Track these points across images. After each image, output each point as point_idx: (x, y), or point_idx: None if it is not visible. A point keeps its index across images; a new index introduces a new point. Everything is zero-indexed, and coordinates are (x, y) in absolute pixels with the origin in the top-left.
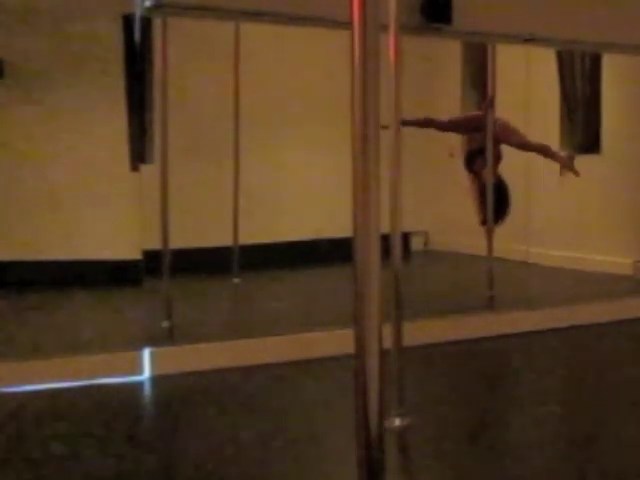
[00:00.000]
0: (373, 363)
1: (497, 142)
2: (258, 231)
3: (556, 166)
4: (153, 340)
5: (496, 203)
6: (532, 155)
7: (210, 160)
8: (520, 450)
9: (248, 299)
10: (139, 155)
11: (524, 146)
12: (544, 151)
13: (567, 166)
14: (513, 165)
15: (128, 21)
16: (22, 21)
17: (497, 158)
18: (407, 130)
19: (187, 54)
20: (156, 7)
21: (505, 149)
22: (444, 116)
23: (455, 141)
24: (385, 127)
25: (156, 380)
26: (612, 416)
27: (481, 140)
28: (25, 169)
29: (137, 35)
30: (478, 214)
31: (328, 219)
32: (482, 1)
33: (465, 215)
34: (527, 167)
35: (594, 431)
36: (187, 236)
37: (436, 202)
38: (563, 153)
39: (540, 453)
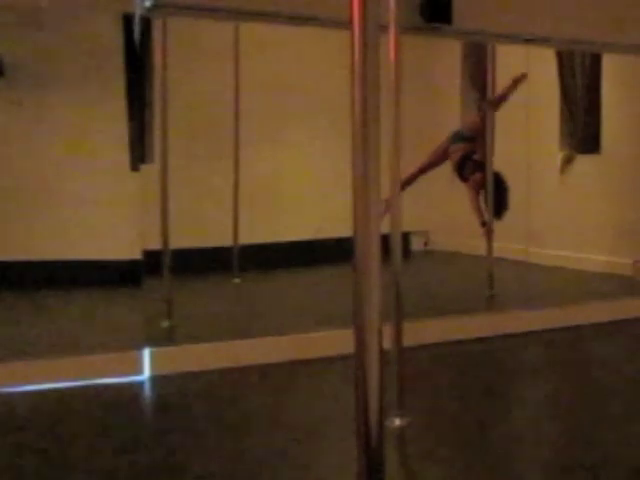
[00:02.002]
0: (373, 363)
1: (481, 134)
2: (258, 231)
3: (556, 166)
4: (153, 340)
5: (495, 198)
6: (532, 155)
7: (210, 160)
8: (520, 450)
9: (248, 299)
10: (139, 155)
11: (498, 102)
12: (508, 91)
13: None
14: (513, 165)
15: (128, 21)
16: (22, 21)
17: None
18: (407, 130)
19: (187, 54)
20: (156, 7)
21: (503, 152)
22: (443, 116)
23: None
24: None
25: (156, 380)
26: (612, 416)
27: (465, 147)
28: (25, 169)
29: (137, 35)
30: (478, 218)
31: (328, 219)
32: (482, 1)
33: (465, 215)
34: (527, 167)
35: (593, 430)
36: (187, 236)
37: (436, 202)
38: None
39: (540, 453)
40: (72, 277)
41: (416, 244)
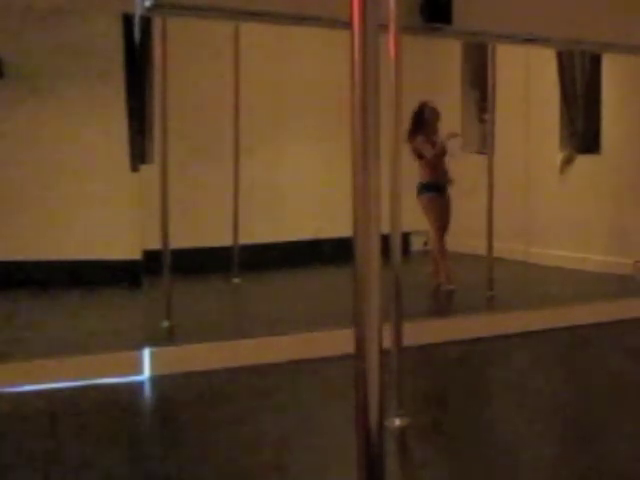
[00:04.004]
0: (373, 363)
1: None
2: (258, 231)
3: (556, 166)
4: (153, 340)
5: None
6: (532, 155)
7: (210, 160)
8: (519, 449)
9: (248, 299)
10: (139, 155)
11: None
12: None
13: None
14: (513, 166)
15: (128, 21)
16: (22, 21)
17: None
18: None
19: (187, 54)
20: (156, 7)
21: (503, 153)
22: (443, 116)
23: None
24: None
25: (156, 380)
26: (611, 416)
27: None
28: (24, 169)
29: (137, 35)
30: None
31: (328, 219)
32: (482, 1)
33: (465, 215)
34: (527, 167)
35: (590, 430)
36: (187, 236)
37: None
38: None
39: (539, 453)
40: (72, 277)
41: (416, 244)
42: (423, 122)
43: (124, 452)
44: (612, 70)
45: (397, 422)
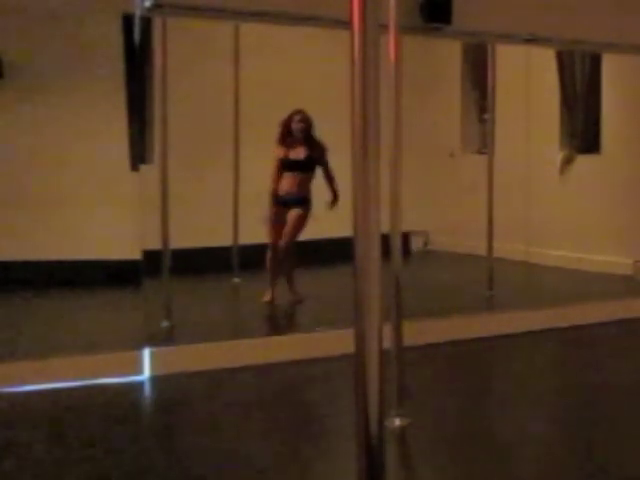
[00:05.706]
0: (373, 363)
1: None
2: (258, 231)
3: (556, 166)
4: (153, 340)
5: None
6: (532, 155)
7: (210, 160)
8: (518, 450)
9: (248, 299)
10: (139, 155)
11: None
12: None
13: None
14: (513, 166)
15: (128, 21)
16: (22, 21)
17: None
18: (407, 130)
19: (187, 54)
20: (156, 7)
21: (504, 153)
22: (444, 116)
23: (455, 141)
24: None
25: (156, 380)
26: (610, 416)
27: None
28: (25, 169)
29: (137, 35)
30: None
31: (328, 219)
32: (482, 1)
33: (465, 215)
34: (527, 167)
35: (588, 432)
36: (187, 236)
37: (436, 202)
38: None
39: (538, 453)
40: (72, 277)
41: (416, 244)
42: (289, 132)
43: (124, 452)
44: (612, 70)
45: (397, 422)
